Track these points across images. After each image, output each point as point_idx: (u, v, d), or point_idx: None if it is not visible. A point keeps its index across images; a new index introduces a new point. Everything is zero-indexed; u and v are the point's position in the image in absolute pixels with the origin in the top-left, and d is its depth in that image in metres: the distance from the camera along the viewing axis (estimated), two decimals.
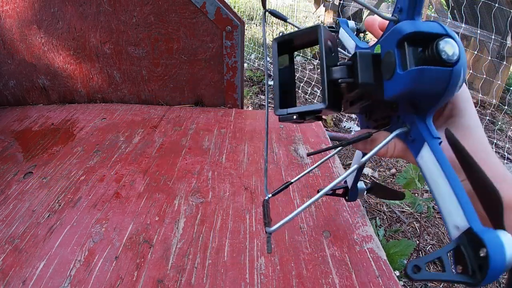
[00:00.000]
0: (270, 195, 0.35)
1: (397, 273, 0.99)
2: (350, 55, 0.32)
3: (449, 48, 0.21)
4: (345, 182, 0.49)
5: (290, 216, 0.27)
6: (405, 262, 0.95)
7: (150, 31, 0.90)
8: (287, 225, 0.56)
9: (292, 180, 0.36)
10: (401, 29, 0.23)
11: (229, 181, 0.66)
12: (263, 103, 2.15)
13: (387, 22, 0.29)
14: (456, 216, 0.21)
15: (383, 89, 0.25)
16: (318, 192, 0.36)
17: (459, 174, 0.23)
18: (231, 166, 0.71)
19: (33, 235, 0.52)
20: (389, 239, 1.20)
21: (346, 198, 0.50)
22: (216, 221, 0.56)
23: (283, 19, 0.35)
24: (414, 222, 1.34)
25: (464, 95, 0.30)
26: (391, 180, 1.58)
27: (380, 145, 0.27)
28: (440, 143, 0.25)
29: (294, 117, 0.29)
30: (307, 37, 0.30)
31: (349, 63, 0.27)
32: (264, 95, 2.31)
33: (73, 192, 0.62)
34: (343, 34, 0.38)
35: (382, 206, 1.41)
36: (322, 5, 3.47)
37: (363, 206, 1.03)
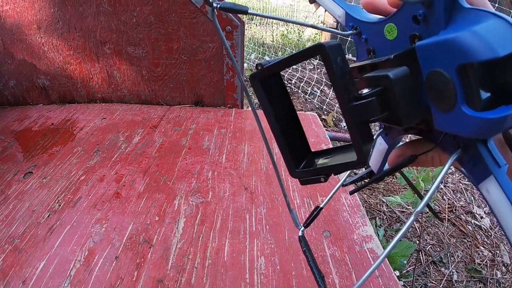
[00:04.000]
0: (302, 227, 0.28)
1: (397, 273, 0.99)
2: (365, 60, 0.24)
3: None
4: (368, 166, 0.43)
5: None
6: (405, 262, 0.95)
7: (150, 31, 0.90)
8: (287, 225, 0.56)
9: (321, 205, 0.31)
10: (465, 50, 0.16)
11: (229, 181, 0.66)
12: None
13: None
14: None
15: (431, 114, 0.19)
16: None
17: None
18: (231, 166, 0.71)
19: (33, 235, 0.52)
20: (389, 239, 1.21)
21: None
22: (216, 221, 0.56)
23: (243, 11, 0.23)
24: (414, 222, 1.34)
25: None
26: (391, 180, 1.58)
27: (436, 182, 0.20)
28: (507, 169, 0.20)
29: (322, 179, 0.22)
30: (302, 58, 0.21)
31: (378, 91, 0.19)
32: None
33: (73, 192, 0.62)
34: None
35: (382, 206, 1.41)
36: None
37: (363, 206, 1.03)
